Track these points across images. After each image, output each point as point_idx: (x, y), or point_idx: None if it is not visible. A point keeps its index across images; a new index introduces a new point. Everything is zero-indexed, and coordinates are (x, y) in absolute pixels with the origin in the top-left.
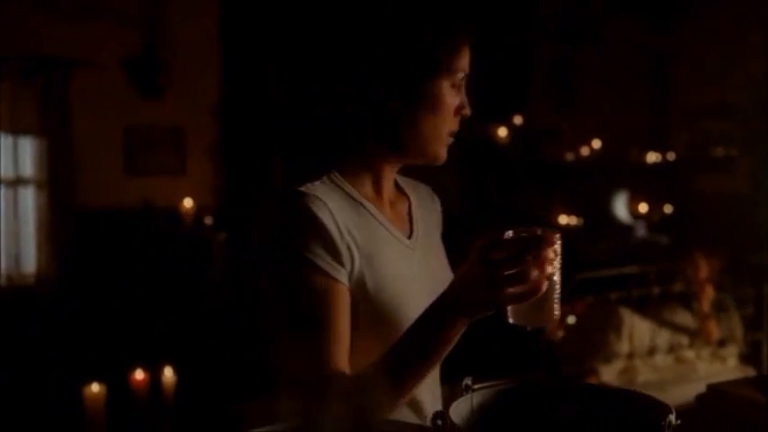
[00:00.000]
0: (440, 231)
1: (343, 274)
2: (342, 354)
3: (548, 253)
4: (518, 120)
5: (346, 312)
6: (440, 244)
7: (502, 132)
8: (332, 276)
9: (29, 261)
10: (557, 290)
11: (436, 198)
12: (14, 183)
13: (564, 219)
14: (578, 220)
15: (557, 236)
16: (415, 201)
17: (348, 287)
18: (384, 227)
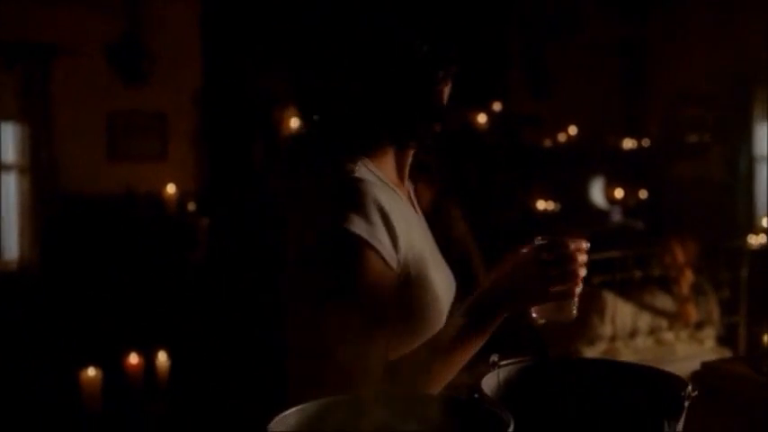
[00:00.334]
0: None
1: (396, 263)
2: (388, 340)
3: (584, 258)
4: (497, 106)
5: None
6: None
7: (481, 119)
8: (390, 266)
9: (11, 247)
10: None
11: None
12: None
13: (542, 204)
14: (556, 206)
15: (587, 243)
16: (411, 185)
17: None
18: (415, 212)
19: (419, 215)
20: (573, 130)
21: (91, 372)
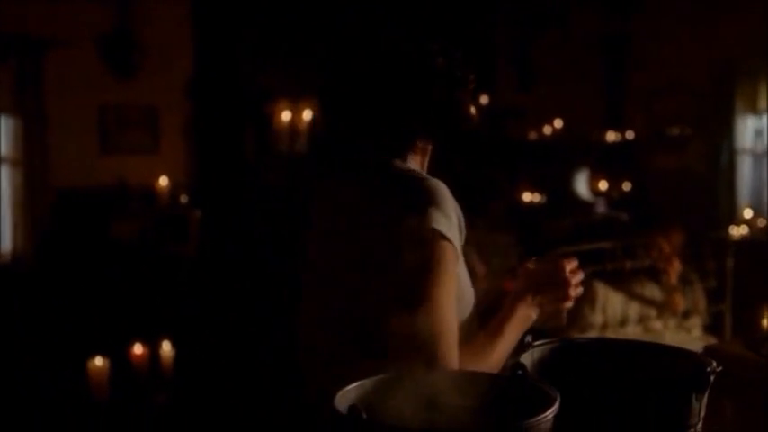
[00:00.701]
0: None
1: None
2: None
3: (578, 278)
4: (484, 99)
5: None
6: None
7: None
8: (458, 259)
9: (4, 240)
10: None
11: None
12: None
13: (528, 196)
14: (541, 197)
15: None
16: None
17: None
18: None
19: None
20: (558, 124)
21: (98, 361)
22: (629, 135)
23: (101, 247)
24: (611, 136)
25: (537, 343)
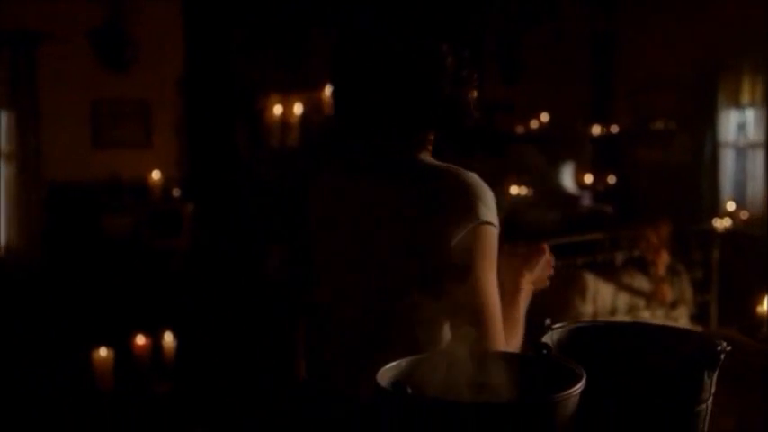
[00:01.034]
0: None
1: None
2: None
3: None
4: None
5: None
6: None
7: None
8: None
9: None
10: None
11: None
12: None
13: (515, 189)
14: (528, 190)
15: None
16: None
17: None
18: None
19: None
20: (545, 117)
21: (103, 352)
22: (613, 129)
23: (93, 241)
24: (596, 129)
25: (555, 326)
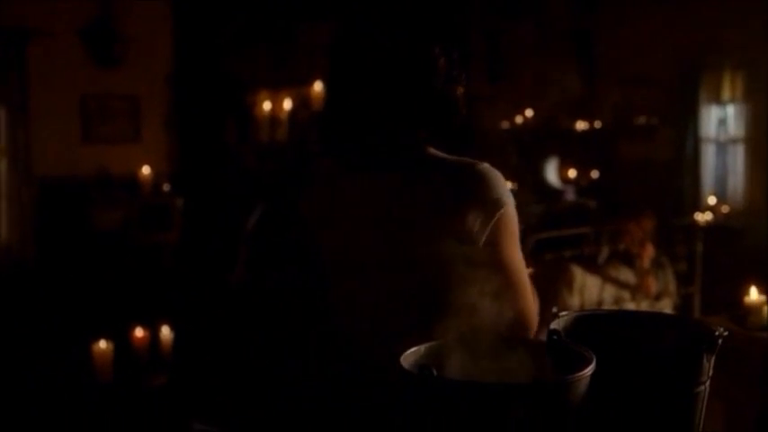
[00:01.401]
0: None
1: None
2: None
3: None
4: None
5: None
6: None
7: None
8: None
9: None
10: None
11: None
12: None
13: None
14: (513, 185)
15: None
16: None
17: None
18: None
19: None
20: (529, 113)
21: (102, 344)
22: (597, 124)
23: (84, 236)
24: (580, 125)
25: (562, 314)
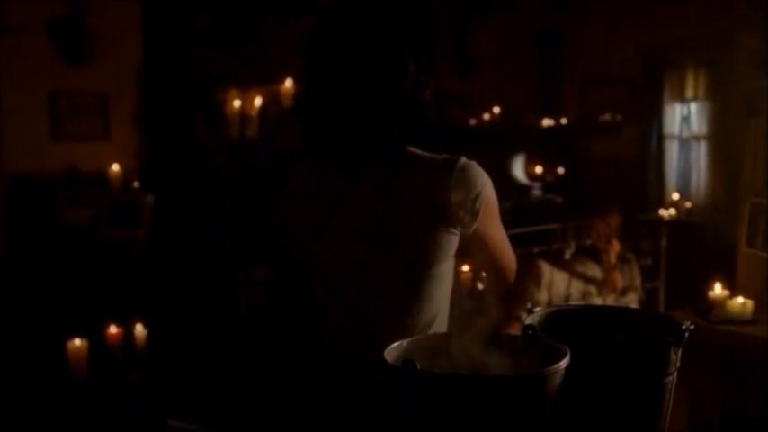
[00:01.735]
0: None
1: None
2: None
3: None
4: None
5: None
6: None
7: None
8: None
9: None
10: None
11: None
12: None
13: None
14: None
15: None
16: None
17: None
18: None
19: None
20: (496, 110)
21: (77, 342)
22: (563, 121)
23: (53, 233)
24: (546, 122)
25: (536, 309)
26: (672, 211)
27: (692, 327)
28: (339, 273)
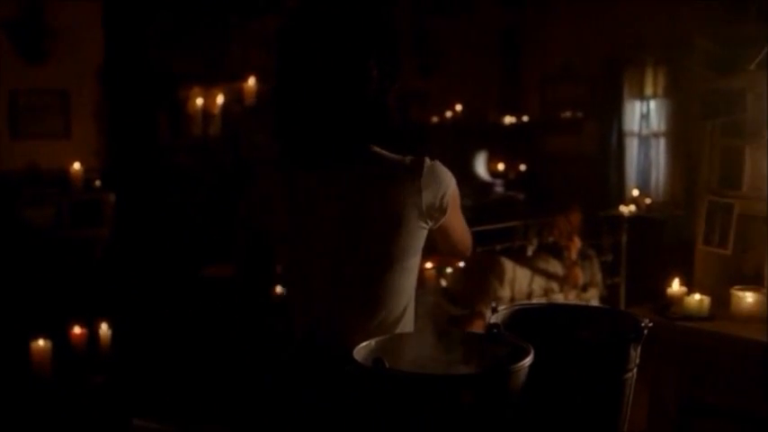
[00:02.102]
0: None
1: None
2: None
3: None
4: None
5: None
6: None
7: None
8: None
9: None
10: None
11: None
12: None
13: None
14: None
15: None
16: None
17: None
18: None
19: None
20: (458, 107)
21: (41, 342)
22: (524, 118)
23: (14, 232)
24: (507, 119)
25: (501, 308)
26: (632, 208)
27: (651, 324)
28: (313, 271)
